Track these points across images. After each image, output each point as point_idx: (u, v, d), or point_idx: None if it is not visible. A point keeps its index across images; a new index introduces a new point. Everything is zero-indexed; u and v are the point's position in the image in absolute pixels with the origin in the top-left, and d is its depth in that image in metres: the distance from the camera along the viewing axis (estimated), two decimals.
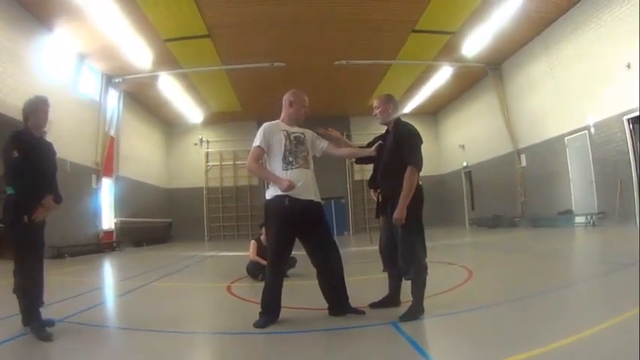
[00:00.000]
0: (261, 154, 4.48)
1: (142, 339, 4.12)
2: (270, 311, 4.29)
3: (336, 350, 3.58)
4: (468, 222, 24.91)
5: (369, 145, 4.92)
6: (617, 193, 13.18)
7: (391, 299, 4.74)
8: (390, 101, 4.73)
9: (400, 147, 4.44)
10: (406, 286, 4.51)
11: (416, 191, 4.37)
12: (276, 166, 4.44)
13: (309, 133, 4.73)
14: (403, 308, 4.38)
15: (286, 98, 4.71)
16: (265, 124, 4.57)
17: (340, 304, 4.52)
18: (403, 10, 14.88)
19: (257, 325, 4.15)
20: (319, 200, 4.58)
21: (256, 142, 4.47)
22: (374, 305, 4.69)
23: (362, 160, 5.06)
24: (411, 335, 3.65)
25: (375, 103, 4.76)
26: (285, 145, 4.46)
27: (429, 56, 18.86)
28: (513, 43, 17.78)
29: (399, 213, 4.24)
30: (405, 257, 4.33)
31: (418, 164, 4.35)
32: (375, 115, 4.76)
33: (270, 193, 4.43)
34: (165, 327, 4.44)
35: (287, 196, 4.30)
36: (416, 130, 4.58)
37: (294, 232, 4.44)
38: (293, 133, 4.57)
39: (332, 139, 4.91)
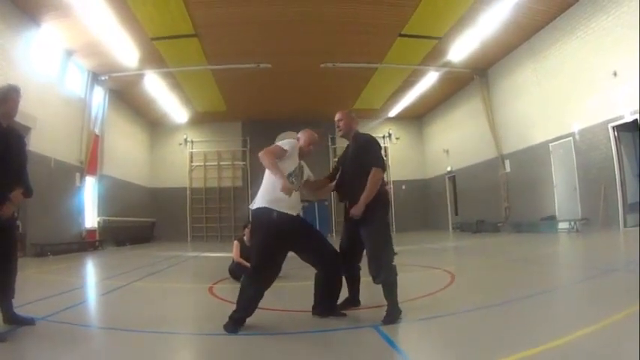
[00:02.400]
0: (281, 156, 4.42)
1: (121, 339, 4.07)
2: (243, 319, 4.15)
3: (319, 353, 3.57)
4: (451, 227, 25.01)
5: (333, 172, 5.05)
6: (600, 199, 13.32)
7: (351, 301, 4.84)
8: (351, 114, 4.92)
9: (361, 155, 4.61)
10: (371, 288, 4.57)
11: (382, 196, 4.55)
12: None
13: (304, 166, 4.80)
14: (373, 311, 4.45)
15: (298, 136, 4.79)
16: (295, 143, 4.62)
17: (327, 306, 4.53)
18: (390, 14, 14.90)
19: (228, 329, 4.04)
20: (300, 214, 4.58)
21: (285, 145, 4.46)
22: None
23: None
24: (392, 338, 3.67)
25: (338, 116, 4.90)
26: (295, 168, 4.53)
27: (415, 61, 18.88)
28: (500, 50, 17.90)
29: (357, 209, 4.39)
30: (374, 262, 4.36)
31: (380, 165, 4.51)
32: (339, 127, 4.88)
33: (259, 202, 4.36)
34: (146, 327, 4.41)
35: (274, 210, 4.26)
36: (373, 137, 4.82)
37: (283, 245, 4.36)
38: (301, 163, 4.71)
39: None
